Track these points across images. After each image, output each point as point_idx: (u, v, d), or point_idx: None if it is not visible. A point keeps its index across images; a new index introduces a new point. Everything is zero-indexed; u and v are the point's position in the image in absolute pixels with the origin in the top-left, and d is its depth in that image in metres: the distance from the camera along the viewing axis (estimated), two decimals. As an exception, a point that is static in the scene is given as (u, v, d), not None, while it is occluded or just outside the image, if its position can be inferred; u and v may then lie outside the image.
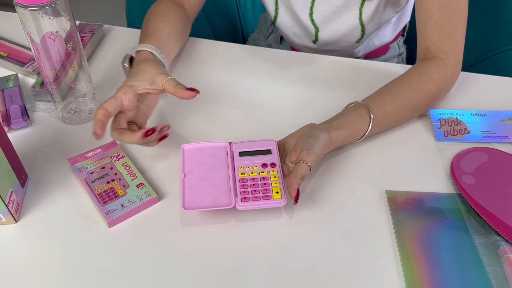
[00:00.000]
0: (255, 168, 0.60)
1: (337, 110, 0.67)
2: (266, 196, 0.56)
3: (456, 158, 0.65)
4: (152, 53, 0.68)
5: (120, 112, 0.62)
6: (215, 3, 1.11)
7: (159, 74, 0.62)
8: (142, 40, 0.73)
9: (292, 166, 0.59)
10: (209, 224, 0.57)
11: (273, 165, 0.60)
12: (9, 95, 0.73)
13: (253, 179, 0.58)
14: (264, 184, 0.58)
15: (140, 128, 0.64)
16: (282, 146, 0.63)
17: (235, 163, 0.60)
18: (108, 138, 0.67)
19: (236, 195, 0.57)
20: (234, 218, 0.58)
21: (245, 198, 0.56)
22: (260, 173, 0.59)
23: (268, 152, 0.61)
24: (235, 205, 0.56)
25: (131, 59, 0.70)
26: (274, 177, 0.58)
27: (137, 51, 0.68)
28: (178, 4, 0.83)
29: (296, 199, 0.56)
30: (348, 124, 0.64)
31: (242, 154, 0.61)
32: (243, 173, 0.59)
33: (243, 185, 0.58)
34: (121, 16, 1.31)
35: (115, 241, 0.56)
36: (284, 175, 0.60)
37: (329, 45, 0.90)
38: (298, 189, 0.55)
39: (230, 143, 0.63)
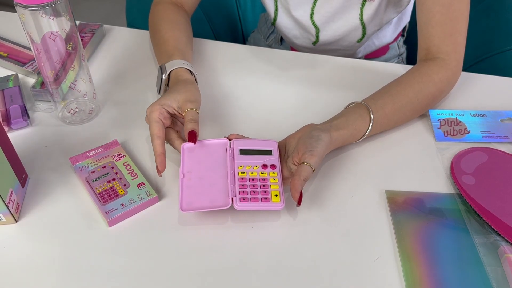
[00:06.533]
0: (255, 168, 0.59)
1: (337, 110, 0.67)
2: (265, 199, 0.56)
3: (456, 158, 0.65)
4: (190, 70, 0.70)
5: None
6: (215, 3, 1.11)
7: (186, 102, 0.63)
8: (164, 52, 0.73)
9: (294, 168, 0.59)
10: (209, 224, 0.57)
11: (273, 166, 0.60)
12: (9, 95, 0.73)
13: (253, 179, 0.58)
14: (264, 185, 0.58)
15: None
16: (283, 147, 0.63)
17: (235, 161, 0.60)
18: (108, 137, 0.67)
19: (234, 195, 0.57)
20: (233, 218, 0.58)
21: (244, 198, 0.56)
22: (260, 174, 0.59)
23: (268, 152, 0.61)
24: (233, 204, 0.56)
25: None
26: (274, 179, 0.58)
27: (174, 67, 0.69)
28: (178, 6, 0.83)
29: (299, 201, 0.55)
30: (348, 124, 0.64)
31: (242, 152, 0.61)
32: (243, 172, 0.59)
33: (243, 185, 0.57)
34: (121, 16, 1.31)
35: (115, 240, 0.56)
36: (284, 177, 0.60)
37: (330, 44, 0.90)
38: (301, 191, 0.55)
39: (230, 139, 0.63)
